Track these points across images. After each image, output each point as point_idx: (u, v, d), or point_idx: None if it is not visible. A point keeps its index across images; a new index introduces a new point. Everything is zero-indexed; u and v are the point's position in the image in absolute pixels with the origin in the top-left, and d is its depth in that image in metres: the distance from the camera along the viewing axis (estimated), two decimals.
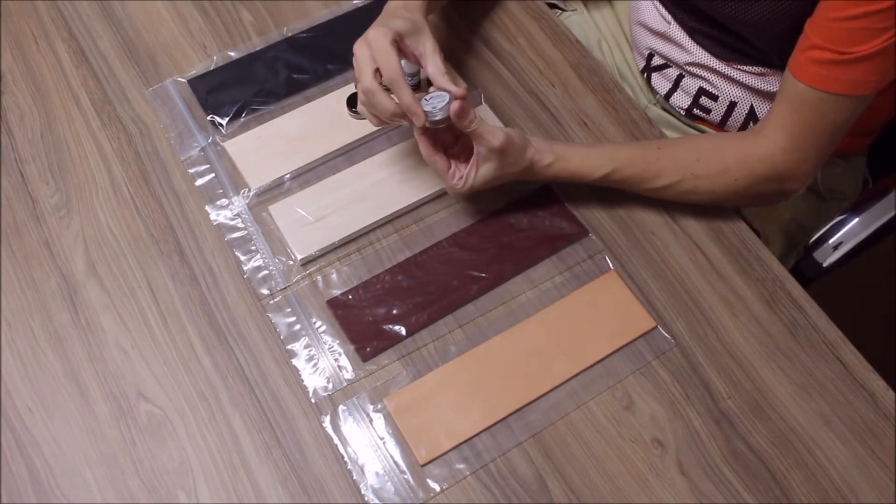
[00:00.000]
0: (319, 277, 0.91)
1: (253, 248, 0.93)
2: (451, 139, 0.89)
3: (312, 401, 0.84)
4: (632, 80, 1.17)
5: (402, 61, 0.84)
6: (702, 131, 1.11)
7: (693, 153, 0.91)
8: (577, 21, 1.22)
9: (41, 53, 1.08)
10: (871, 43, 0.80)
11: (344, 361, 0.86)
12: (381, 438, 0.82)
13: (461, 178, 0.87)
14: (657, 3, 1.06)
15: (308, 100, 1.03)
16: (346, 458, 0.81)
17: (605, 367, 0.86)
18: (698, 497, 0.80)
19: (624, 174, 0.91)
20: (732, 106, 1.04)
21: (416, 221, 0.95)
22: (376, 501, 0.79)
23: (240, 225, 0.94)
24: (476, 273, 0.91)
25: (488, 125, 0.84)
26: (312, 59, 1.06)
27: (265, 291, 0.90)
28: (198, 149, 0.99)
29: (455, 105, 0.82)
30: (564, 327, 0.88)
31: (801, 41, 0.85)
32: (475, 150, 0.86)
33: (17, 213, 0.95)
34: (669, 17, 1.05)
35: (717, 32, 0.99)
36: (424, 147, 0.87)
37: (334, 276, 0.91)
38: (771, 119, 0.89)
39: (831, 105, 0.84)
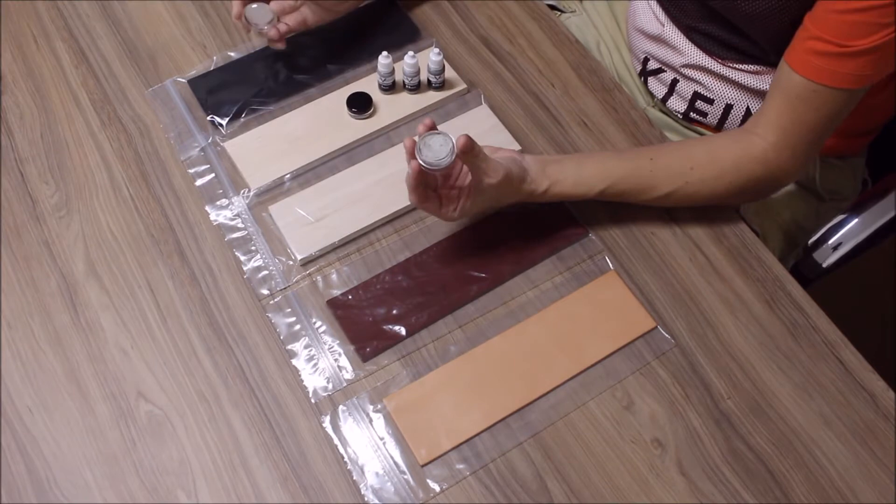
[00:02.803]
0: (319, 277, 0.91)
1: (253, 248, 0.93)
2: (439, 178, 0.86)
3: (312, 401, 0.84)
4: (630, 82, 1.17)
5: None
6: (702, 133, 1.11)
7: (687, 161, 0.90)
8: (575, 23, 1.22)
9: (41, 53, 1.08)
10: (871, 38, 0.80)
11: (344, 361, 0.86)
12: (381, 438, 0.82)
13: (454, 209, 0.86)
14: (652, 4, 1.06)
15: (308, 100, 1.03)
16: (346, 459, 0.81)
17: (605, 367, 0.86)
18: (698, 497, 0.80)
19: (619, 189, 0.90)
20: (728, 108, 1.04)
21: (416, 221, 0.95)
22: (376, 501, 0.79)
23: (240, 225, 0.94)
24: (476, 273, 0.91)
25: (491, 160, 0.82)
26: (312, 59, 1.06)
27: (265, 291, 0.90)
28: (198, 149, 0.99)
29: (462, 140, 0.78)
30: (564, 327, 0.88)
31: (800, 33, 0.85)
32: (472, 181, 0.83)
33: (17, 213, 0.95)
34: (664, 19, 1.05)
35: (715, 29, 0.99)
36: (416, 197, 0.83)
37: (334, 276, 0.91)
38: (764, 114, 0.89)
39: (826, 98, 0.84)
